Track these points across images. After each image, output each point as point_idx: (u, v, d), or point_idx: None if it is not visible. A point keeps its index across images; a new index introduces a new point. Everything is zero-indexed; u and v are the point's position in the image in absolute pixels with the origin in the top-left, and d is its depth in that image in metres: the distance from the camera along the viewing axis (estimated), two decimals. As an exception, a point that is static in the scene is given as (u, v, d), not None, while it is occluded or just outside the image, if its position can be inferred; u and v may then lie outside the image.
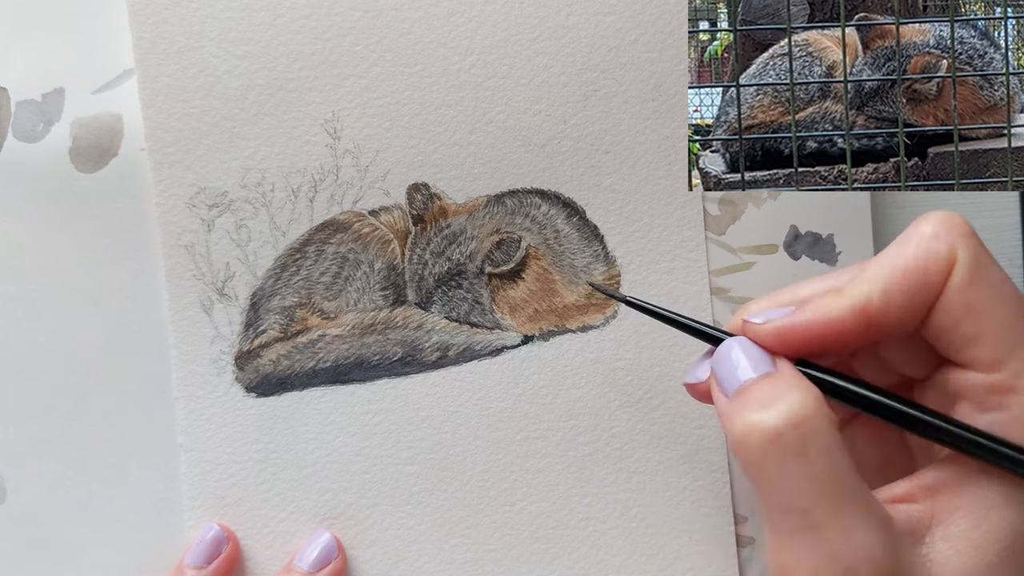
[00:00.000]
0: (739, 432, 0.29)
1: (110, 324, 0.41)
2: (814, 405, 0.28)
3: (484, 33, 0.41)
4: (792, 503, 0.28)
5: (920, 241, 0.30)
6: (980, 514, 0.28)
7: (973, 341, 0.29)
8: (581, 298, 0.42)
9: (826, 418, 0.28)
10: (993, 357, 0.29)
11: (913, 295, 0.29)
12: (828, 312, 0.30)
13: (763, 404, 0.29)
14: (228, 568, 0.40)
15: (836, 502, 0.27)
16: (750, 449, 0.28)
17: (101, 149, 0.41)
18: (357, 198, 0.41)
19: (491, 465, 0.42)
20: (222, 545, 0.40)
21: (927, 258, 0.29)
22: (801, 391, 0.29)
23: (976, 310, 0.29)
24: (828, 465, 0.28)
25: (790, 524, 0.28)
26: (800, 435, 0.28)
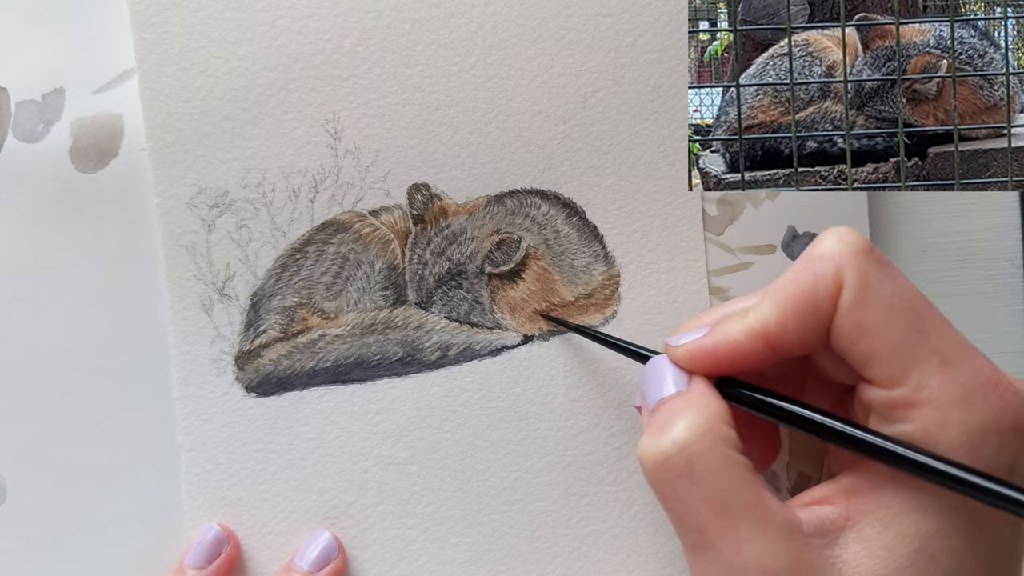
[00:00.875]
0: (639, 454, 0.31)
1: (110, 324, 0.41)
2: (703, 427, 0.30)
3: (484, 34, 0.41)
4: (687, 521, 0.30)
5: (810, 263, 0.31)
6: (890, 518, 0.29)
7: (870, 360, 0.30)
8: (581, 298, 0.42)
9: (715, 438, 0.30)
10: (890, 375, 0.29)
11: (805, 319, 0.30)
12: (730, 336, 0.32)
13: (660, 428, 0.31)
14: (228, 568, 0.40)
15: (726, 518, 0.29)
16: (646, 471, 0.31)
17: (101, 149, 0.41)
18: (358, 198, 0.41)
19: (491, 465, 0.42)
20: (222, 545, 0.40)
21: (815, 281, 0.30)
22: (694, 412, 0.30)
23: (868, 330, 0.30)
24: (714, 485, 0.29)
25: (691, 540, 0.30)
26: (685, 458, 0.29)
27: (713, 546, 0.29)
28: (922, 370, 0.29)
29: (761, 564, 0.28)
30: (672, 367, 0.33)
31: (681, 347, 0.33)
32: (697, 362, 0.32)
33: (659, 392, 0.33)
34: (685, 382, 0.32)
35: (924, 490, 0.29)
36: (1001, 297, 0.45)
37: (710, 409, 0.31)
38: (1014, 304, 0.45)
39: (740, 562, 0.29)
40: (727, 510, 0.29)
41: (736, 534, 0.29)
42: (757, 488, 0.30)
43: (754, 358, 0.32)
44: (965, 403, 0.29)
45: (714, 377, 0.33)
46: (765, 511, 0.29)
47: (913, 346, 0.29)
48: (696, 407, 0.31)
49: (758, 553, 0.29)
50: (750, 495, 0.29)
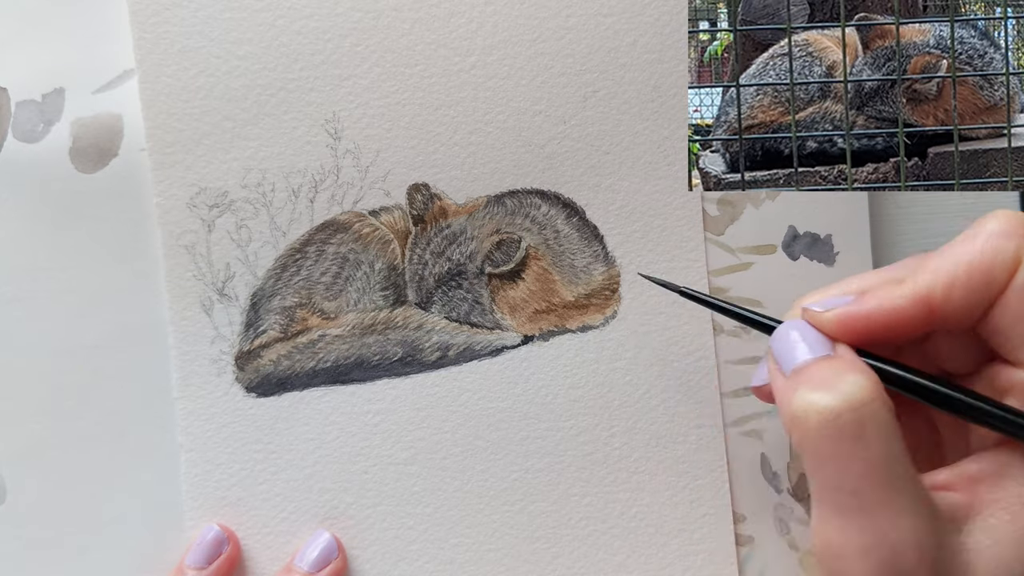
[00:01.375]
0: (797, 410, 0.29)
1: (110, 324, 0.41)
2: (873, 390, 0.29)
3: (484, 34, 0.41)
4: (844, 484, 0.28)
5: (988, 238, 0.30)
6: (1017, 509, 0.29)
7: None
8: (581, 298, 0.42)
9: (884, 404, 0.29)
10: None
11: (975, 291, 0.30)
12: (890, 301, 0.31)
13: (822, 384, 0.29)
14: (229, 568, 0.40)
15: (888, 486, 0.28)
16: (807, 428, 0.29)
17: (101, 149, 0.41)
18: (357, 198, 0.41)
19: (491, 465, 0.42)
20: (223, 545, 0.40)
21: (993, 255, 0.30)
22: (861, 374, 0.29)
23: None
24: (883, 450, 0.28)
25: (840, 503, 0.29)
26: (858, 418, 0.28)
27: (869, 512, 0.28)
28: None
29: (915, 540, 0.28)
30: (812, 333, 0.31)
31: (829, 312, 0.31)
32: (848, 328, 0.31)
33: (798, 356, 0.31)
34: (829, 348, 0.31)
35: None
36: (1001, 297, 0.45)
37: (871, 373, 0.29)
38: (1014, 304, 0.45)
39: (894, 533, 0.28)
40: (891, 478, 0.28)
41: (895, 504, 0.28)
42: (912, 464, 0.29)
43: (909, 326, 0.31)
44: None
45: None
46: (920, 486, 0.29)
47: None
48: (860, 369, 0.29)
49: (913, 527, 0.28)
50: (909, 468, 0.29)
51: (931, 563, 0.28)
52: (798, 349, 0.31)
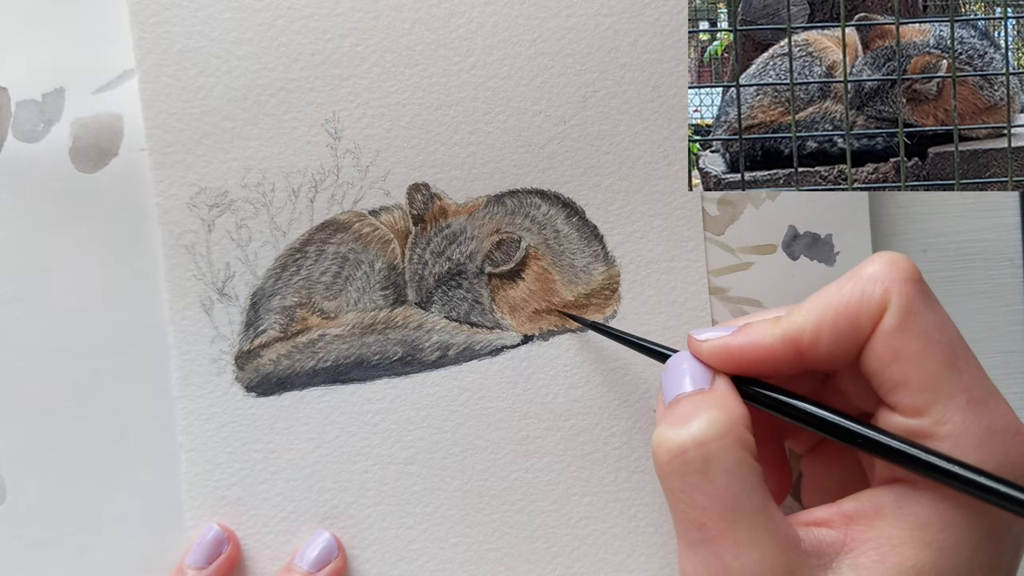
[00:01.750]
0: (653, 444, 0.31)
1: (110, 324, 0.41)
2: (724, 425, 0.30)
3: (484, 34, 0.41)
4: (691, 516, 0.30)
5: (858, 281, 0.31)
6: (886, 549, 0.29)
7: (899, 386, 0.30)
8: (581, 298, 0.42)
9: (732, 439, 0.30)
10: (915, 404, 0.30)
11: (842, 333, 0.31)
12: (761, 338, 0.32)
13: (678, 420, 0.31)
14: (228, 568, 0.40)
15: (731, 520, 0.29)
16: (659, 462, 0.31)
17: (101, 149, 0.41)
18: (357, 198, 0.41)
19: (491, 465, 0.42)
20: (222, 545, 0.40)
21: (860, 300, 0.30)
22: (717, 410, 0.30)
23: (902, 357, 0.30)
24: (726, 485, 0.29)
25: (689, 536, 0.30)
26: (703, 454, 0.30)
27: (712, 545, 0.29)
28: (947, 405, 0.29)
29: (758, 572, 0.29)
30: (695, 365, 0.33)
31: (707, 343, 0.33)
32: (722, 359, 0.33)
33: (680, 387, 0.33)
34: (708, 380, 0.32)
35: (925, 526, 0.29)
36: (1001, 297, 0.45)
37: (732, 410, 0.31)
38: (1014, 304, 0.45)
39: (736, 566, 0.29)
40: (734, 512, 0.29)
41: (738, 537, 0.29)
42: (765, 497, 0.30)
43: (780, 363, 0.32)
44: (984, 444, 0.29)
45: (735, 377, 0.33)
46: (769, 520, 0.29)
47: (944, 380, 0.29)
48: (718, 406, 0.31)
49: (756, 560, 0.29)
50: (758, 502, 0.29)
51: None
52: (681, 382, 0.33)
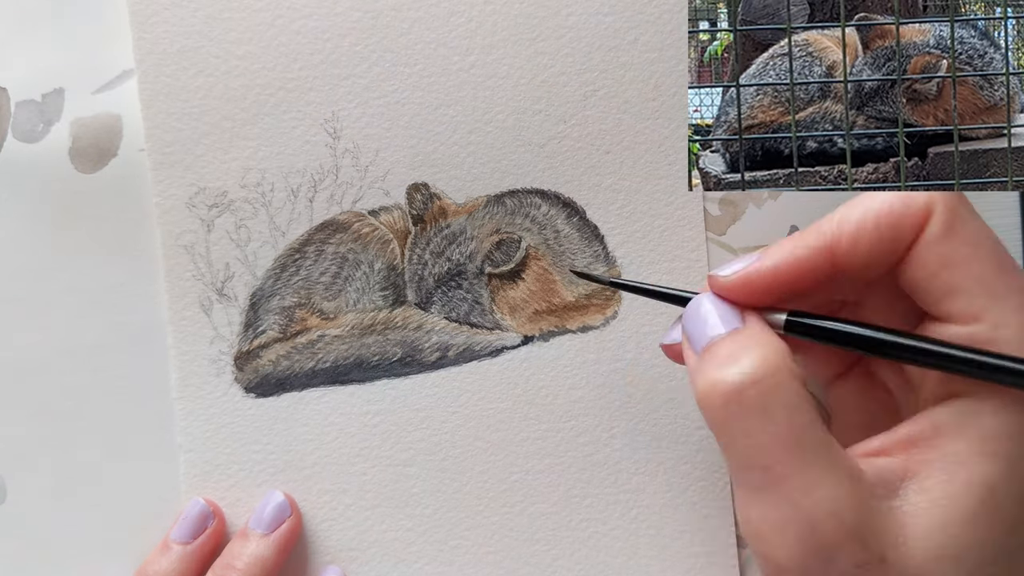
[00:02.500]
0: (702, 390, 0.29)
1: (110, 324, 0.41)
2: (776, 361, 0.28)
3: (484, 33, 0.41)
4: (754, 459, 0.28)
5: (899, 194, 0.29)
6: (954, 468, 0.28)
7: (950, 294, 0.29)
8: (581, 298, 0.42)
9: (788, 373, 0.28)
10: (970, 311, 0.29)
11: (883, 241, 0.29)
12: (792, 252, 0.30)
13: (726, 361, 0.29)
14: (214, 543, 0.40)
15: (797, 457, 0.28)
16: (713, 406, 0.29)
17: (101, 149, 0.41)
18: (357, 198, 0.41)
19: (491, 466, 0.42)
20: (208, 520, 0.40)
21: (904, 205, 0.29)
22: (763, 347, 0.29)
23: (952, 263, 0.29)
24: (789, 421, 0.28)
25: (754, 480, 0.28)
26: (760, 392, 0.28)
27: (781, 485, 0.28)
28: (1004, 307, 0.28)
29: (832, 509, 0.27)
30: (721, 305, 0.31)
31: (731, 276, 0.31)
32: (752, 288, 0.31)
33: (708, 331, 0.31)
34: (738, 320, 0.31)
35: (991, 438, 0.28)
36: (1002, 297, 0.45)
37: (777, 344, 0.29)
38: (1015, 304, 0.45)
39: (808, 504, 0.27)
40: (801, 448, 0.28)
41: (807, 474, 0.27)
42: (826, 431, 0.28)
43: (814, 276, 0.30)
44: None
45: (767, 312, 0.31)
46: (835, 454, 0.28)
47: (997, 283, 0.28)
48: (762, 343, 0.29)
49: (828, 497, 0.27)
50: (821, 436, 0.28)
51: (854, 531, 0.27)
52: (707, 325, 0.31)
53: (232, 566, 0.38)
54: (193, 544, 0.39)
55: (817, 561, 0.27)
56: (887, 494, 0.28)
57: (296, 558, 0.41)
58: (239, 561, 0.38)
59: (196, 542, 0.39)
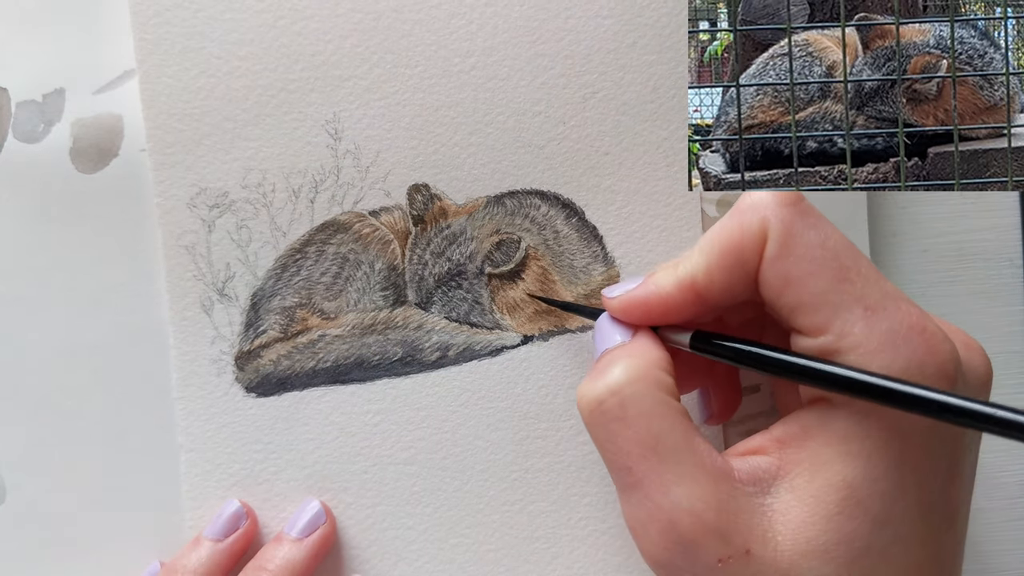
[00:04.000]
0: (577, 399, 0.32)
1: (110, 324, 0.41)
2: (638, 372, 0.31)
3: (484, 35, 0.41)
4: (619, 462, 0.31)
5: (736, 215, 0.31)
6: (817, 467, 0.30)
7: (795, 310, 0.30)
8: (580, 298, 0.42)
9: (649, 383, 0.31)
10: (815, 324, 0.30)
11: (731, 270, 0.31)
12: (661, 287, 0.33)
13: (596, 375, 0.32)
14: (245, 544, 0.40)
15: (655, 459, 0.30)
16: (582, 414, 0.32)
17: (101, 150, 0.41)
18: (358, 199, 0.41)
19: (491, 465, 0.42)
20: (240, 520, 0.40)
21: (741, 233, 0.31)
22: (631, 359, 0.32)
23: (792, 280, 0.30)
24: (644, 427, 0.30)
25: (621, 480, 0.31)
26: (619, 401, 0.31)
27: (641, 486, 0.30)
28: (846, 318, 0.30)
29: (689, 507, 0.29)
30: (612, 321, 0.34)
31: (615, 298, 0.34)
32: (630, 313, 0.34)
33: (605, 344, 0.34)
34: (628, 335, 0.34)
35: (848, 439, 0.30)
36: (1001, 297, 0.45)
37: (647, 356, 0.32)
38: (1014, 304, 0.45)
39: (667, 503, 0.29)
40: (656, 451, 0.30)
41: (664, 475, 0.30)
42: (688, 433, 0.30)
43: (684, 309, 0.33)
44: (889, 348, 0.29)
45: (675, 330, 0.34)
46: (694, 455, 0.30)
47: (837, 294, 0.30)
48: (633, 355, 0.32)
49: (685, 495, 0.29)
50: (680, 439, 0.30)
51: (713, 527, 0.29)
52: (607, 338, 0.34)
53: (263, 568, 0.39)
54: (224, 542, 0.39)
55: (680, 555, 0.30)
56: (758, 491, 0.30)
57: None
58: (271, 563, 0.39)
59: (227, 540, 0.39)
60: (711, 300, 0.32)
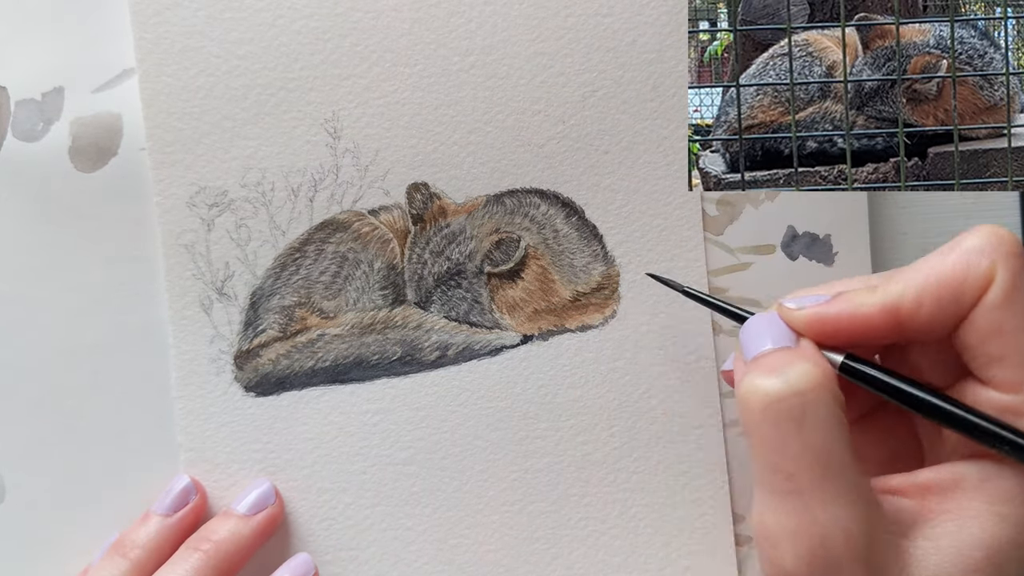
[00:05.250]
0: (743, 392, 0.30)
1: (110, 324, 0.41)
2: (820, 379, 0.29)
3: (484, 34, 0.41)
4: (781, 466, 0.29)
5: (963, 253, 0.30)
6: (965, 522, 0.29)
7: (997, 361, 0.30)
8: (580, 297, 0.42)
9: (829, 393, 0.29)
10: (1014, 380, 0.29)
11: (945, 305, 0.30)
12: (859, 306, 0.31)
13: (772, 370, 0.30)
14: (194, 519, 0.40)
15: (822, 472, 0.29)
16: (751, 410, 0.30)
17: (101, 148, 0.41)
18: (357, 197, 0.41)
19: (490, 465, 0.42)
20: (190, 495, 0.40)
21: (966, 271, 0.30)
22: (810, 364, 0.30)
23: (1005, 331, 0.29)
24: (821, 436, 0.29)
25: (776, 485, 0.29)
26: (799, 403, 0.29)
27: (801, 495, 0.29)
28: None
29: (846, 526, 0.28)
30: (780, 326, 0.32)
31: (801, 310, 0.32)
32: (816, 327, 0.32)
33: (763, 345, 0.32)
34: (793, 340, 0.32)
35: (1006, 500, 0.29)
36: (1002, 297, 0.45)
37: (824, 365, 0.30)
38: (1015, 304, 0.45)
39: (825, 517, 0.28)
40: (827, 464, 0.29)
41: (829, 489, 0.28)
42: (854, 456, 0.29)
43: (877, 332, 0.31)
44: None
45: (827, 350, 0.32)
46: (859, 478, 0.29)
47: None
48: (811, 360, 0.30)
49: (843, 515, 0.28)
50: (850, 458, 0.29)
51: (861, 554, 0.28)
52: (762, 339, 0.32)
53: (208, 539, 0.39)
54: (173, 517, 0.39)
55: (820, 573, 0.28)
56: (898, 532, 0.29)
57: (296, 557, 0.41)
58: (215, 535, 0.39)
59: (176, 515, 0.39)
60: (908, 330, 0.31)
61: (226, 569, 0.38)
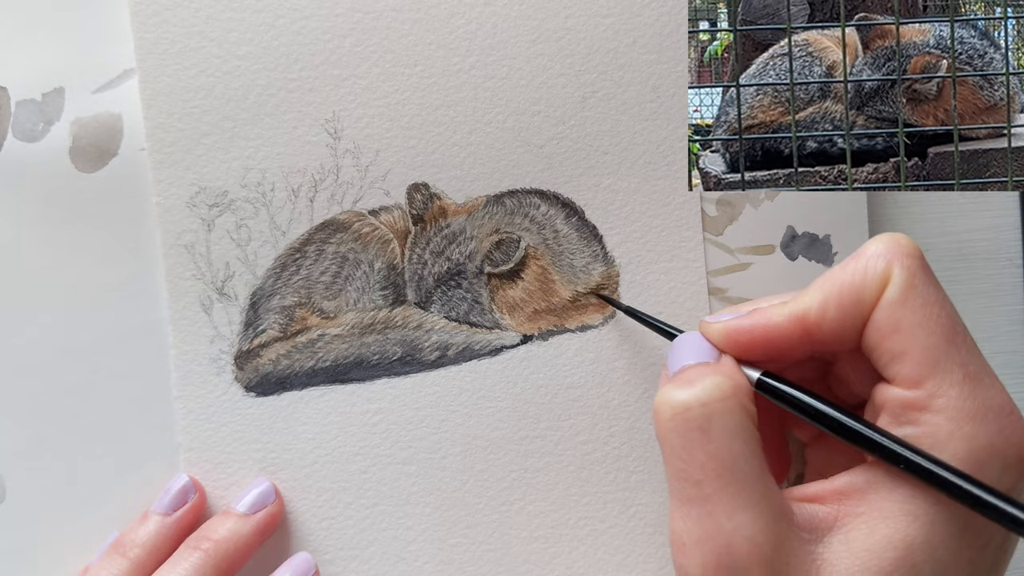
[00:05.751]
0: (656, 403, 0.31)
1: (110, 324, 0.41)
2: (729, 390, 0.31)
3: (484, 35, 0.41)
4: (688, 474, 0.30)
5: (862, 259, 0.31)
6: (877, 523, 0.30)
7: (897, 358, 0.30)
8: (580, 298, 0.42)
9: (737, 404, 0.30)
10: (913, 375, 0.30)
11: (847, 308, 0.31)
12: (769, 318, 0.33)
13: (683, 383, 0.31)
14: (193, 518, 0.40)
15: (728, 479, 0.30)
16: (660, 419, 0.31)
17: (101, 149, 0.41)
18: (357, 198, 0.41)
19: (490, 465, 0.42)
20: (188, 494, 0.40)
21: (864, 275, 0.31)
22: (722, 376, 0.31)
23: (903, 328, 0.30)
24: (727, 446, 0.30)
25: (684, 493, 0.30)
26: (706, 413, 0.30)
27: (707, 503, 0.30)
28: (944, 378, 0.30)
29: (750, 535, 0.29)
30: (703, 343, 0.34)
31: (719, 324, 0.33)
32: (732, 340, 0.33)
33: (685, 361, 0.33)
34: (714, 356, 0.33)
35: (916, 498, 0.29)
36: (1001, 297, 0.45)
37: (736, 379, 0.31)
38: (1014, 304, 0.45)
39: (730, 526, 0.29)
40: (732, 472, 0.30)
41: (733, 497, 0.29)
42: (763, 465, 0.30)
43: (788, 343, 0.32)
44: (978, 419, 0.29)
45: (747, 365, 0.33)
46: (765, 487, 0.30)
47: (942, 353, 0.30)
48: (723, 374, 0.31)
49: (748, 523, 0.29)
50: (757, 467, 0.30)
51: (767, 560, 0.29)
52: (685, 355, 0.33)
53: (208, 537, 0.39)
54: (172, 516, 0.39)
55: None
56: (812, 539, 0.30)
57: (296, 556, 0.41)
58: (215, 534, 0.39)
59: (175, 514, 0.39)
60: (818, 338, 0.32)
61: (226, 568, 0.38)
